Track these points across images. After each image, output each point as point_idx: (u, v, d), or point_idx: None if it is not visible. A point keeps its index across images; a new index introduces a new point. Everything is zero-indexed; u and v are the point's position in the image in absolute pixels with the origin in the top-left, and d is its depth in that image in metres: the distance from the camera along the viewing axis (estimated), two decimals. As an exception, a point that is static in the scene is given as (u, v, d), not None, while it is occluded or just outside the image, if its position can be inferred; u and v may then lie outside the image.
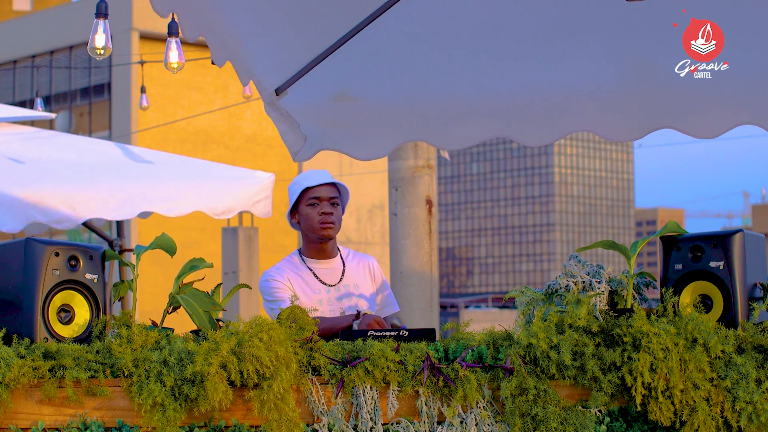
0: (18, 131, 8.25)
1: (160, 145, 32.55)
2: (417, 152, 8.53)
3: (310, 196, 4.58)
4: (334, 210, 4.58)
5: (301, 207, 4.60)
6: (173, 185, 7.67)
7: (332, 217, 4.56)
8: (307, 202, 4.58)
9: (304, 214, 4.59)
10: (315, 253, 4.63)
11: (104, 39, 5.16)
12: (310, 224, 4.58)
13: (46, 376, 3.22)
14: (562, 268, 3.69)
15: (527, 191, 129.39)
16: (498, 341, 3.49)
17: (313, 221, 4.56)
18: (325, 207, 4.55)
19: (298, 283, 4.56)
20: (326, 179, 4.60)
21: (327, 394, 3.37)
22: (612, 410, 3.43)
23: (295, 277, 4.57)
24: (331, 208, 4.57)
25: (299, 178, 4.66)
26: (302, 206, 4.60)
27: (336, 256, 4.68)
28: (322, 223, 4.55)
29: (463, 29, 4.82)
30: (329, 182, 4.59)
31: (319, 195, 4.57)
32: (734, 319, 3.53)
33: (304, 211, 4.59)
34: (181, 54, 6.30)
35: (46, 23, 39.86)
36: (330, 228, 4.56)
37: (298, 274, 4.58)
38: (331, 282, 4.60)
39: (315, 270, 4.61)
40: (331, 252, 4.65)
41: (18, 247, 3.48)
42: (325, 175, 4.64)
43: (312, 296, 4.55)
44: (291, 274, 4.58)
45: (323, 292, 4.57)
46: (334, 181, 4.62)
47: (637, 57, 4.74)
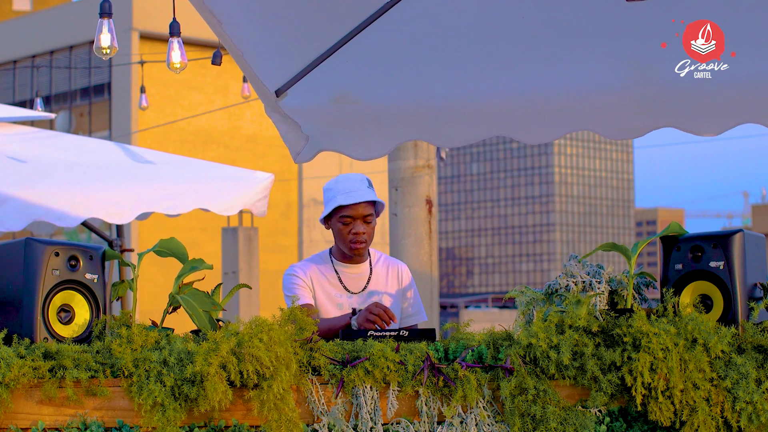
0: (18, 131, 8.25)
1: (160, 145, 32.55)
2: (417, 152, 8.53)
3: (342, 213, 4.46)
4: (366, 228, 4.47)
5: (333, 220, 4.50)
6: (173, 186, 7.67)
7: (363, 236, 4.46)
8: (339, 219, 4.47)
9: (335, 228, 4.50)
10: (344, 258, 4.56)
11: (109, 38, 5.17)
12: (340, 239, 4.50)
13: (46, 376, 3.22)
14: (562, 268, 3.69)
15: (527, 191, 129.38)
16: (498, 341, 3.49)
17: (344, 239, 4.47)
18: (357, 227, 4.45)
19: (321, 283, 4.51)
20: (361, 197, 4.45)
21: (327, 394, 3.37)
22: (612, 410, 3.43)
23: (320, 277, 4.52)
24: (364, 227, 4.46)
25: (335, 186, 4.52)
26: (334, 220, 4.49)
27: (365, 261, 4.59)
28: (352, 242, 4.46)
29: (463, 30, 4.82)
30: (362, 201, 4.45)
31: (352, 214, 4.45)
32: (734, 319, 3.53)
33: (335, 226, 4.50)
34: (184, 54, 6.30)
35: (46, 23, 39.85)
36: (360, 248, 4.47)
37: (323, 273, 4.53)
38: (355, 289, 4.54)
39: (341, 274, 4.54)
40: (360, 257, 4.57)
41: (18, 247, 3.48)
42: (361, 190, 4.48)
43: (332, 299, 4.50)
44: (316, 272, 4.52)
45: (344, 297, 4.51)
46: (369, 199, 4.47)
47: (637, 57, 4.74)
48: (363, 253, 4.52)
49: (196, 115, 34.77)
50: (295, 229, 39.04)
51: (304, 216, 38.81)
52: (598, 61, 4.84)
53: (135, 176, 7.78)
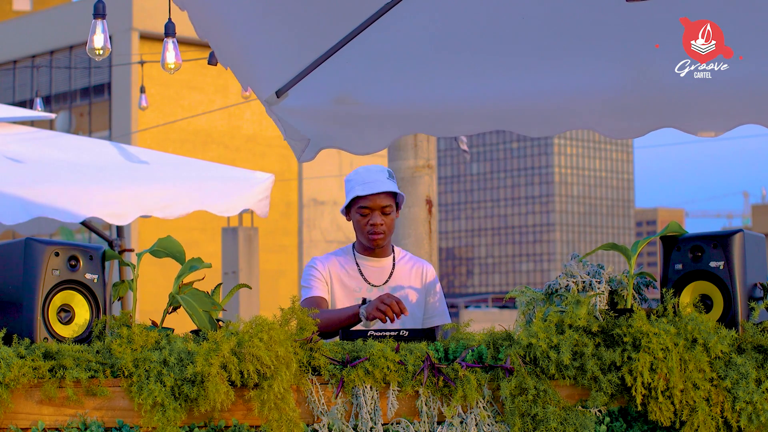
0: (18, 131, 8.26)
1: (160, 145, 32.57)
2: (417, 152, 8.54)
3: (360, 204, 4.46)
4: (384, 220, 4.47)
5: (352, 211, 4.51)
6: (172, 187, 7.67)
7: (381, 227, 4.45)
8: (357, 210, 4.48)
9: (354, 219, 4.51)
10: (365, 251, 4.56)
11: (103, 39, 5.18)
12: (359, 230, 4.51)
13: (46, 376, 3.22)
14: (562, 268, 3.69)
15: (527, 191, 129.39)
16: (498, 341, 3.49)
17: (363, 230, 4.48)
18: (374, 218, 4.45)
19: (340, 276, 4.51)
20: (378, 188, 4.45)
21: (327, 394, 3.37)
22: (612, 410, 3.43)
23: (340, 270, 4.52)
24: (381, 218, 4.46)
25: (354, 177, 4.52)
26: (353, 211, 4.50)
27: (387, 256, 4.58)
28: (370, 233, 4.46)
29: (463, 31, 4.82)
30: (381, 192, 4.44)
31: (369, 205, 4.45)
32: (734, 319, 3.52)
33: (354, 217, 4.51)
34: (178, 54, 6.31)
35: (46, 23, 39.86)
36: (378, 239, 4.47)
37: (344, 267, 4.53)
38: (376, 282, 4.52)
39: (362, 267, 4.54)
40: (383, 251, 4.56)
41: (18, 247, 3.48)
42: (379, 181, 4.47)
43: (350, 293, 4.49)
44: (336, 265, 4.53)
45: (364, 291, 4.50)
46: (387, 190, 4.47)
47: (638, 57, 4.74)
48: (382, 245, 4.51)
49: (196, 115, 34.78)
50: (295, 229, 39.05)
51: (304, 216, 38.82)
52: (598, 61, 4.84)
53: (134, 177, 7.79)
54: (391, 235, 4.54)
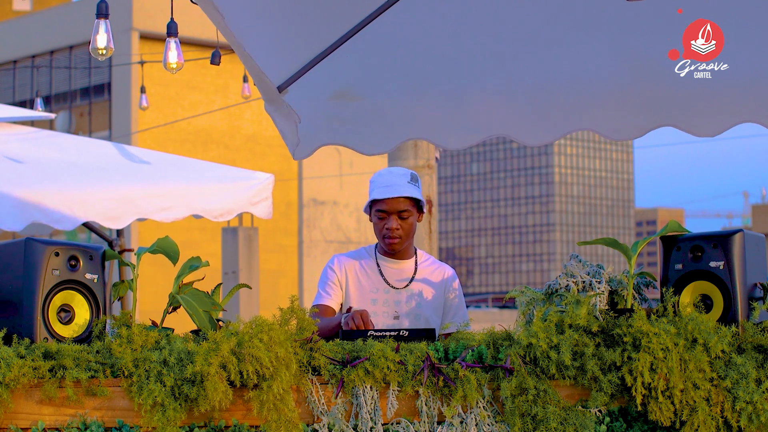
0: (18, 131, 8.26)
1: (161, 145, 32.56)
2: (417, 152, 8.53)
3: (378, 207, 4.43)
4: (401, 224, 4.43)
5: (371, 213, 4.48)
6: (172, 188, 7.66)
7: (397, 232, 4.41)
8: (375, 213, 4.45)
9: (373, 221, 4.48)
10: (386, 252, 4.54)
11: (106, 39, 5.18)
12: (377, 233, 4.49)
13: (46, 376, 3.22)
14: (562, 268, 3.69)
15: (527, 191, 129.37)
16: (498, 341, 3.49)
17: (380, 233, 4.46)
18: (390, 222, 4.41)
19: (358, 276, 4.49)
20: (395, 193, 4.40)
21: (327, 394, 3.37)
22: (612, 410, 3.42)
23: (358, 270, 4.51)
24: (398, 223, 4.42)
25: (377, 179, 4.48)
26: (372, 213, 4.47)
27: (409, 258, 4.56)
28: (385, 237, 4.44)
29: (463, 28, 4.83)
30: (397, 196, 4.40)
31: (386, 209, 4.42)
32: (734, 319, 3.52)
33: (373, 219, 4.48)
34: (180, 54, 6.31)
35: (46, 23, 39.85)
36: (394, 243, 4.43)
37: (363, 267, 4.51)
38: (396, 284, 4.50)
39: (383, 268, 4.52)
40: (404, 254, 4.53)
41: (18, 247, 3.48)
42: (398, 185, 4.42)
43: (367, 294, 4.47)
44: (355, 266, 4.51)
45: (381, 292, 4.48)
46: (404, 195, 4.41)
47: (637, 57, 4.74)
48: (398, 249, 4.48)
49: (196, 115, 34.77)
50: (295, 229, 39.02)
51: (304, 216, 38.80)
52: (598, 61, 4.85)
53: (134, 178, 7.78)
54: (410, 239, 4.50)
